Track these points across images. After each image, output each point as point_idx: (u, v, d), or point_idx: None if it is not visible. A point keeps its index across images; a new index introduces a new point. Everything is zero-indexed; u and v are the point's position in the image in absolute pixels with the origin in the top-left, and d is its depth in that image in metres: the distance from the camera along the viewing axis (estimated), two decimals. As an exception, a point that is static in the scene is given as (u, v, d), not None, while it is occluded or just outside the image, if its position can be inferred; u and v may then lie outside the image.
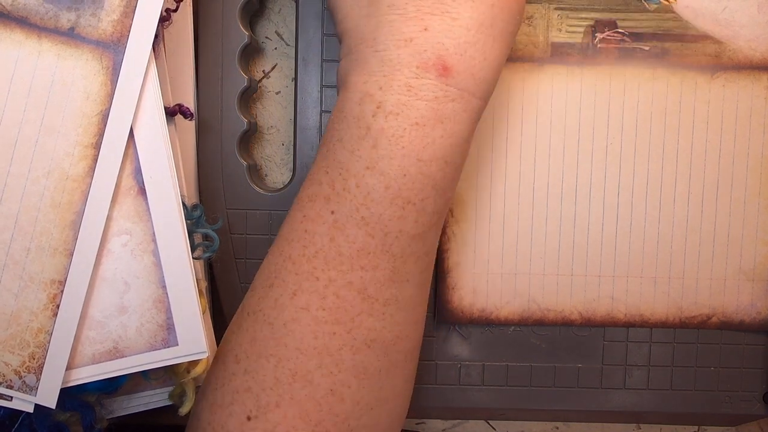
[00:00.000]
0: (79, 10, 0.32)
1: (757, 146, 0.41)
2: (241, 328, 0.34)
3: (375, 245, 0.32)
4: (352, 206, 0.32)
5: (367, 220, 0.32)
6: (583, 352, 0.42)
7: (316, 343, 0.32)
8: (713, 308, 0.42)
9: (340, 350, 0.32)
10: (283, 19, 0.44)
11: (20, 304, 0.33)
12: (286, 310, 0.32)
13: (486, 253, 0.41)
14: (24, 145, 0.32)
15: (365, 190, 0.31)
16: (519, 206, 0.41)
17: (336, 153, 0.32)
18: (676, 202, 0.41)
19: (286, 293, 0.32)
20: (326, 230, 0.32)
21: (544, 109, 0.41)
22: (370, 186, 0.31)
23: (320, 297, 0.32)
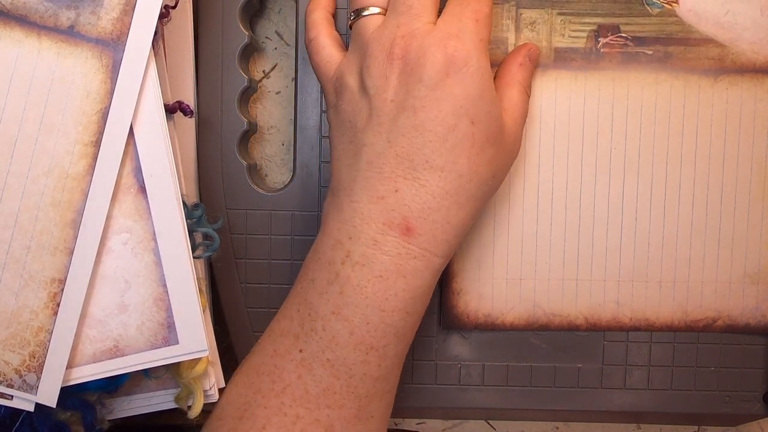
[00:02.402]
0: (79, 9, 0.32)
1: (761, 149, 0.41)
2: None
3: (340, 386, 0.33)
4: (318, 347, 0.33)
5: (333, 362, 0.33)
6: (583, 352, 0.42)
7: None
8: (718, 311, 0.42)
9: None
10: (283, 19, 0.44)
11: (21, 303, 0.33)
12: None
13: (491, 257, 0.41)
14: (24, 143, 0.32)
15: (331, 334, 0.33)
16: (524, 211, 0.41)
17: (308, 292, 0.34)
18: (681, 206, 0.41)
19: (255, 427, 0.33)
20: (294, 367, 0.33)
21: (548, 115, 0.41)
22: (336, 330, 0.33)
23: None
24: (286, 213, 0.41)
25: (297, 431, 0.33)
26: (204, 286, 0.39)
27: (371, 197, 0.33)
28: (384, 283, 0.33)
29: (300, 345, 0.33)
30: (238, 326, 0.42)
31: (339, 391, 0.33)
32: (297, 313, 0.34)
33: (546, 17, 0.41)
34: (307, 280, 0.34)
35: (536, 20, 0.41)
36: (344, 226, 0.33)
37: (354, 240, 0.33)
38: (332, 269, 0.33)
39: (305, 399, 0.33)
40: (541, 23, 0.41)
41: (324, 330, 0.33)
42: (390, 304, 0.33)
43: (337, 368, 0.33)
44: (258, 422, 0.33)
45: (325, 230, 0.34)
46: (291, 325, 0.34)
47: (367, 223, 0.33)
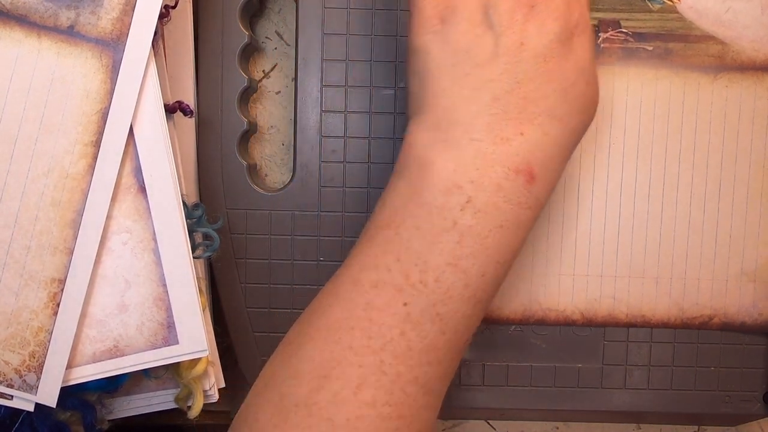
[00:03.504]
0: (79, 8, 0.32)
1: (759, 147, 0.41)
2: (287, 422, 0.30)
3: (444, 342, 0.31)
4: (428, 301, 0.30)
5: (443, 317, 0.30)
6: (583, 352, 0.42)
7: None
8: (715, 309, 0.42)
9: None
10: (283, 19, 0.44)
11: (20, 303, 0.33)
12: (348, 405, 0.30)
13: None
14: (24, 143, 0.32)
15: (445, 286, 0.30)
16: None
17: (411, 241, 0.31)
18: (678, 203, 0.41)
19: (347, 387, 0.30)
20: (396, 322, 0.30)
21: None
22: (451, 282, 0.30)
23: (387, 393, 0.30)
24: (286, 213, 0.41)
25: (396, 391, 0.30)
26: (204, 286, 0.39)
27: (496, 138, 0.30)
28: (504, 234, 0.31)
29: (405, 298, 0.30)
30: (238, 326, 0.42)
31: (442, 347, 0.31)
32: (396, 263, 0.31)
33: (546, 15, 0.41)
34: (406, 227, 0.31)
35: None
36: (463, 168, 0.30)
37: (476, 185, 0.30)
38: (447, 216, 0.30)
39: (407, 356, 0.30)
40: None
41: (437, 282, 0.30)
42: (504, 256, 0.31)
43: (446, 323, 0.30)
44: (351, 381, 0.30)
45: (431, 170, 0.31)
46: (389, 276, 0.30)
47: (492, 166, 0.30)
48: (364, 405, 0.30)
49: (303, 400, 0.30)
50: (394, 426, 0.30)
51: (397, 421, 0.30)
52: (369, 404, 0.30)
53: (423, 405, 0.31)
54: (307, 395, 0.30)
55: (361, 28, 0.40)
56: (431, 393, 0.31)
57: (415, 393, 0.30)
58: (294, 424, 0.30)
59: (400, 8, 0.40)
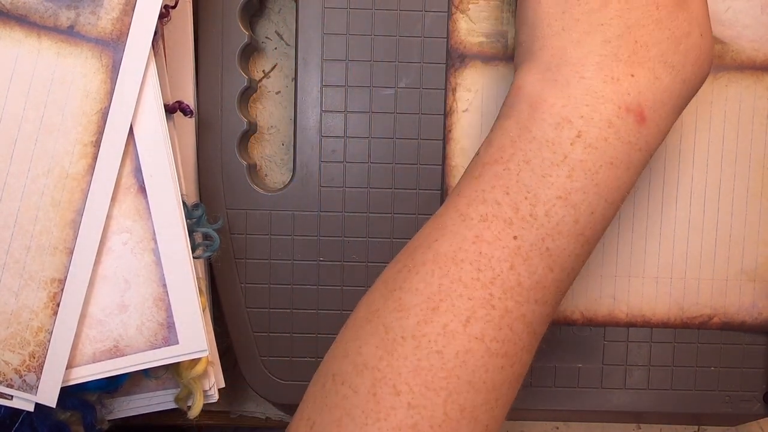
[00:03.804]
0: (79, 8, 0.32)
1: (759, 147, 0.41)
2: (394, 353, 0.30)
3: (551, 280, 0.31)
4: (538, 235, 0.30)
5: (552, 252, 0.30)
6: (583, 351, 0.42)
7: (486, 377, 0.30)
8: (715, 309, 0.42)
9: (502, 386, 0.30)
10: (283, 19, 0.44)
11: (20, 303, 0.33)
12: (458, 338, 0.29)
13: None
14: (24, 143, 0.32)
15: (555, 220, 0.30)
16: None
17: (521, 174, 0.31)
18: (678, 202, 0.41)
19: (457, 319, 0.29)
20: (506, 256, 0.30)
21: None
22: (560, 216, 0.30)
23: (495, 328, 0.30)
24: (286, 213, 0.41)
25: (504, 326, 0.30)
26: (204, 286, 0.39)
27: (606, 77, 0.31)
28: (614, 172, 0.31)
29: (515, 231, 0.30)
30: (238, 326, 0.42)
31: (549, 285, 0.31)
32: (506, 196, 0.30)
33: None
34: (516, 160, 0.31)
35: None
36: (572, 103, 0.31)
37: (587, 120, 0.30)
38: (558, 150, 0.30)
39: (516, 291, 0.30)
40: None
41: (547, 216, 0.30)
42: (613, 195, 0.31)
43: (554, 259, 0.30)
44: (460, 315, 0.29)
45: (542, 107, 0.31)
46: (499, 209, 0.30)
47: (603, 103, 0.30)
48: (473, 339, 0.29)
49: (411, 332, 0.30)
50: (500, 364, 0.30)
51: (503, 359, 0.30)
52: (478, 338, 0.30)
53: (526, 346, 0.31)
54: (415, 327, 0.30)
55: (361, 28, 0.40)
56: (534, 335, 0.31)
57: (521, 331, 0.30)
58: (401, 356, 0.30)
59: (400, 8, 0.40)
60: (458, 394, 0.29)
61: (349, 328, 0.32)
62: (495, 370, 0.30)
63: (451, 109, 0.41)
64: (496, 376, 0.30)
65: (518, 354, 0.31)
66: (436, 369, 0.29)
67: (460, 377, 0.29)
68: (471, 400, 0.29)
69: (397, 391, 0.29)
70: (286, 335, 0.42)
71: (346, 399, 0.30)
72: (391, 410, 0.29)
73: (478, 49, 0.41)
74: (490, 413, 0.30)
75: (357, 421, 0.29)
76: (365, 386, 0.30)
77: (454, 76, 0.41)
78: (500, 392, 0.30)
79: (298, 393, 0.37)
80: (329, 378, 0.31)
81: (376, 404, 0.29)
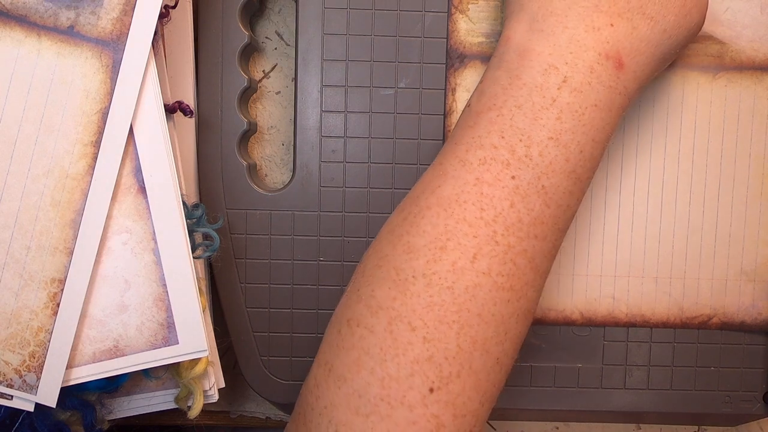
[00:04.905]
0: (79, 9, 0.32)
1: (758, 147, 0.41)
2: (406, 292, 0.31)
3: (549, 215, 0.33)
4: (534, 174, 0.32)
5: (547, 190, 0.32)
6: (583, 352, 0.42)
7: (494, 310, 0.32)
8: (714, 309, 0.42)
9: (510, 319, 0.32)
10: (283, 19, 0.44)
11: (20, 303, 0.33)
12: (467, 274, 0.31)
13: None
14: (24, 143, 0.32)
15: (548, 159, 0.32)
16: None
17: (514, 119, 0.33)
18: (678, 202, 0.41)
19: (464, 256, 0.31)
20: (506, 195, 0.32)
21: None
22: (553, 156, 0.32)
23: (500, 262, 0.32)
24: (286, 213, 0.41)
25: (508, 261, 0.32)
26: (204, 286, 0.39)
27: (588, 27, 0.33)
28: (599, 113, 0.33)
29: (512, 172, 0.32)
30: (238, 326, 0.42)
31: (546, 221, 0.32)
32: (501, 140, 0.32)
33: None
34: (509, 106, 0.33)
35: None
36: (559, 51, 0.33)
37: (571, 66, 0.33)
38: (546, 94, 0.33)
39: (517, 228, 0.32)
40: (540, 22, 0.41)
41: (540, 156, 0.32)
42: (599, 135, 0.33)
43: (550, 196, 0.32)
44: (467, 252, 0.31)
45: (530, 56, 0.33)
46: (496, 152, 0.32)
47: (585, 50, 0.33)
48: (480, 273, 0.31)
49: (421, 271, 0.31)
50: (507, 297, 0.32)
51: (509, 293, 0.32)
52: (485, 273, 0.31)
53: (530, 281, 0.33)
54: (425, 266, 0.31)
55: (361, 28, 0.40)
56: (537, 270, 0.33)
57: (524, 266, 0.32)
58: (414, 294, 0.31)
59: (400, 8, 0.40)
60: (470, 327, 0.31)
61: (358, 276, 0.34)
62: (502, 303, 0.32)
63: (451, 110, 0.41)
64: (503, 309, 0.32)
65: (523, 288, 0.32)
66: (448, 304, 0.31)
67: (470, 311, 0.31)
68: (482, 332, 0.31)
69: (412, 327, 0.31)
70: (286, 335, 0.42)
71: (363, 339, 0.31)
72: (408, 345, 0.31)
73: (477, 49, 0.41)
74: (500, 346, 0.32)
75: (376, 358, 0.31)
76: (381, 325, 0.31)
77: (454, 76, 0.41)
78: (508, 325, 0.32)
79: (298, 393, 0.37)
80: (344, 323, 0.33)
81: (393, 341, 0.31)
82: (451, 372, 0.31)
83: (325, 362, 0.33)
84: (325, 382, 0.32)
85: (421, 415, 0.30)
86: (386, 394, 0.30)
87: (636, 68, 0.34)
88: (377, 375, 0.31)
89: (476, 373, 0.31)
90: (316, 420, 0.32)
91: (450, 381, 0.31)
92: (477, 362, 0.31)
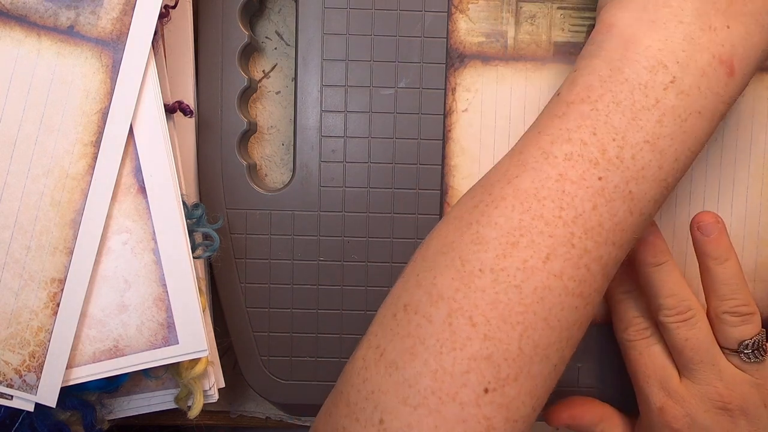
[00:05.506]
0: (79, 8, 0.32)
1: (759, 147, 0.41)
2: (471, 286, 0.30)
3: (630, 224, 0.31)
4: (623, 178, 0.30)
5: (634, 196, 0.30)
6: (582, 351, 0.42)
7: (561, 316, 0.30)
8: (714, 308, 0.42)
9: (574, 326, 0.31)
10: (283, 19, 0.44)
11: (20, 303, 0.33)
12: (537, 274, 0.29)
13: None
14: (24, 143, 0.32)
15: (641, 164, 0.30)
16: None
17: (610, 116, 0.30)
18: (678, 202, 0.41)
19: (537, 256, 0.30)
20: (590, 196, 0.30)
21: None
22: (646, 161, 0.30)
23: (574, 267, 0.30)
24: (286, 213, 0.41)
25: (582, 266, 0.30)
26: (204, 286, 0.39)
27: (704, 25, 0.31)
28: (701, 122, 0.31)
29: (600, 172, 0.30)
30: (238, 326, 0.42)
31: (627, 229, 0.31)
32: (593, 137, 0.30)
33: (546, 11, 0.41)
34: (605, 102, 0.31)
35: (536, 14, 0.41)
36: (670, 48, 0.31)
37: (682, 66, 0.30)
38: (650, 94, 0.30)
39: (596, 232, 0.30)
40: (540, 17, 0.41)
41: (633, 160, 0.30)
42: (695, 144, 0.31)
43: (636, 203, 0.30)
44: (540, 251, 0.30)
45: (635, 47, 0.31)
46: (585, 149, 0.30)
47: (699, 51, 0.31)
48: (552, 276, 0.30)
49: (489, 265, 0.30)
50: (575, 304, 0.30)
51: (578, 299, 0.30)
52: (557, 275, 0.30)
53: (599, 288, 0.31)
54: (494, 261, 0.30)
55: (361, 28, 0.40)
56: (606, 277, 0.31)
57: (597, 273, 0.30)
58: (478, 288, 0.30)
59: (400, 8, 0.40)
60: (534, 330, 0.29)
61: (419, 260, 0.32)
62: (570, 310, 0.30)
63: (451, 109, 0.41)
64: (570, 315, 0.30)
65: (592, 295, 0.31)
66: (514, 303, 0.29)
67: (536, 313, 0.29)
68: (546, 337, 0.30)
69: (473, 323, 0.29)
70: (286, 335, 0.42)
71: (420, 328, 0.30)
72: (467, 340, 0.29)
73: (477, 49, 0.41)
74: (560, 353, 0.30)
75: (431, 350, 0.29)
76: (440, 316, 0.30)
77: (454, 76, 0.41)
78: (571, 332, 0.31)
79: (298, 393, 0.37)
80: (400, 308, 0.31)
81: (451, 334, 0.29)
82: (509, 374, 0.29)
83: (376, 345, 0.31)
84: (375, 366, 0.30)
85: (473, 414, 0.29)
86: (438, 388, 0.29)
87: (744, 78, 0.32)
88: (431, 367, 0.29)
89: (533, 378, 0.30)
90: (362, 404, 0.30)
91: (507, 383, 0.29)
92: (536, 367, 0.30)
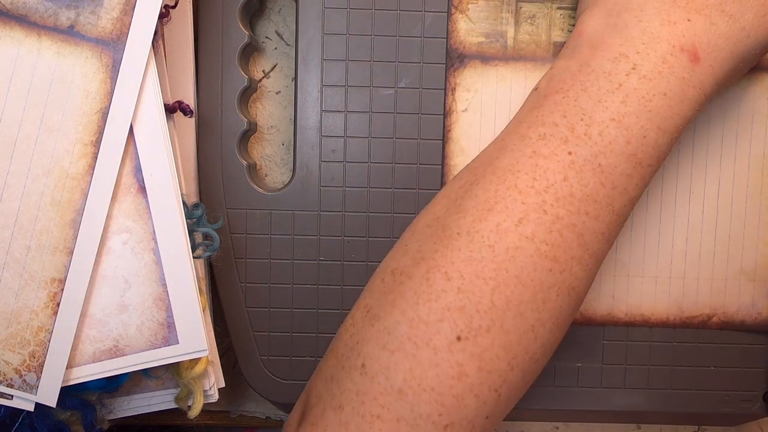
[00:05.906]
0: (79, 8, 0.32)
1: (758, 146, 0.41)
2: (449, 246, 0.33)
3: (603, 195, 0.33)
4: (591, 152, 0.33)
5: (604, 169, 0.33)
6: (582, 351, 0.42)
7: (534, 276, 0.32)
8: (714, 308, 0.42)
9: (550, 289, 0.32)
10: (283, 19, 0.44)
11: (21, 303, 0.33)
12: (509, 235, 0.32)
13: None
14: (24, 143, 0.32)
15: (608, 139, 0.33)
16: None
17: (578, 100, 0.33)
18: (678, 202, 0.41)
19: (509, 219, 0.32)
20: (561, 168, 0.33)
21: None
22: (613, 137, 0.33)
23: (546, 231, 0.32)
24: (286, 213, 0.41)
25: (554, 231, 0.32)
26: (204, 286, 0.39)
27: (663, 21, 0.34)
28: (667, 102, 0.33)
29: (569, 147, 0.33)
30: (238, 326, 0.42)
31: (600, 200, 0.33)
32: (563, 118, 0.33)
33: (545, 11, 0.41)
34: (575, 90, 0.34)
35: (536, 14, 0.41)
36: (630, 42, 0.34)
37: (642, 55, 0.33)
38: (613, 80, 0.33)
39: (568, 201, 0.32)
40: (540, 17, 0.41)
41: (600, 135, 0.33)
42: (666, 123, 0.33)
43: (606, 176, 0.33)
44: (513, 215, 0.32)
45: (601, 46, 0.34)
46: (556, 129, 0.33)
47: (658, 42, 0.33)
48: (523, 237, 0.32)
49: (465, 228, 0.33)
50: (549, 266, 0.32)
51: (552, 262, 0.32)
52: (528, 238, 0.32)
53: (576, 257, 0.33)
54: (470, 224, 0.33)
55: (361, 28, 0.40)
56: (585, 248, 0.33)
57: (571, 240, 0.33)
58: (455, 248, 0.32)
59: (400, 8, 0.40)
60: (505, 287, 0.32)
61: (408, 234, 0.35)
62: (543, 271, 0.32)
63: (451, 109, 0.41)
64: (543, 276, 0.32)
65: (568, 262, 0.33)
66: (487, 261, 0.32)
67: (508, 271, 0.32)
68: (518, 294, 0.32)
69: (448, 277, 0.32)
70: (286, 335, 0.42)
71: (401, 284, 0.33)
72: (442, 292, 0.32)
73: (477, 49, 0.41)
74: (536, 313, 0.32)
75: (409, 301, 0.32)
76: (420, 273, 0.32)
77: (454, 76, 0.41)
78: (547, 295, 0.32)
79: (298, 393, 0.37)
80: (388, 273, 0.34)
81: (428, 287, 0.32)
82: (481, 326, 0.31)
83: (365, 305, 0.34)
84: (361, 321, 0.33)
85: (445, 359, 0.31)
86: (414, 335, 0.31)
87: (714, 64, 0.34)
88: (407, 315, 0.32)
89: (507, 333, 0.32)
90: (347, 353, 0.33)
91: (479, 334, 0.31)
92: (509, 323, 0.32)
